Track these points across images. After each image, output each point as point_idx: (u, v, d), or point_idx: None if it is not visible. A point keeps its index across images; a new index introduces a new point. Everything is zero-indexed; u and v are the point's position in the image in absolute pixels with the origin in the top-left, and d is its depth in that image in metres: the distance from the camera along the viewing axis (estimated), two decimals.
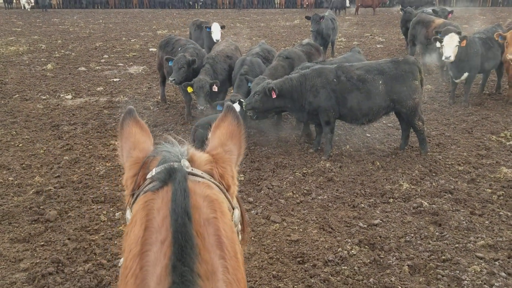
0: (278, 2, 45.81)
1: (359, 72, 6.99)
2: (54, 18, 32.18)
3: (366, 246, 4.74)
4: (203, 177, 1.42)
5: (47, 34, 22.31)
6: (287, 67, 8.30)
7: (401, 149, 7.34)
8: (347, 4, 35.39)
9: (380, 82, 6.89)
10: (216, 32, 11.52)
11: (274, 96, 6.96)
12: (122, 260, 1.33)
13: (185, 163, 1.41)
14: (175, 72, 8.35)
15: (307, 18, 14.50)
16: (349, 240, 4.84)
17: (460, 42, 8.93)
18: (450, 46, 8.96)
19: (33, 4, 38.70)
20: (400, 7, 21.51)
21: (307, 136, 7.94)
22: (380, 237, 4.89)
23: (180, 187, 1.27)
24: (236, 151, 1.61)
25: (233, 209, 1.49)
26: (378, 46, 18.09)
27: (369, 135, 8.15)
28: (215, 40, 11.49)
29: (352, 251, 4.62)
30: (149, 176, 1.42)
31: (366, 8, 36.35)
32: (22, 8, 39.43)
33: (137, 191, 1.43)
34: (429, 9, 15.84)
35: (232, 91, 8.59)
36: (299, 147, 7.57)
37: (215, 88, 7.97)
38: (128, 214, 1.44)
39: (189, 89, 8.10)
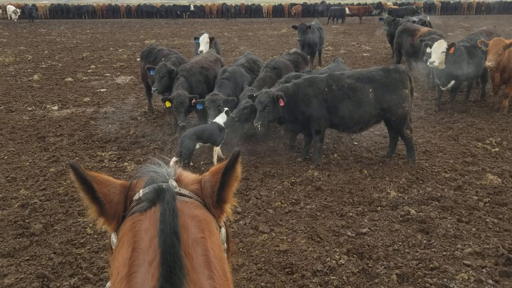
0: (266, 11, 46.10)
1: (350, 80, 7.00)
2: (41, 28, 32.01)
3: (354, 255, 4.74)
4: (191, 197, 1.42)
5: (34, 45, 22.17)
6: (274, 77, 8.33)
7: (388, 157, 7.38)
8: (347, 11, 35.41)
9: (371, 90, 6.92)
10: (202, 43, 11.42)
11: (282, 103, 6.83)
12: (109, 284, 1.31)
13: (172, 183, 1.42)
14: (157, 81, 8.28)
15: (294, 27, 14.59)
16: (338, 250, 4.83)
17: (448, 49, 9.07)
18: (436, 52, 9.11)
19: (19, 14, 38.45)
20: (385, 14, 21.80)
21: (293, 147, 7.92)
22: (368, 246, 4.89)
23: (168, 207, 1.27)
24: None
25: (220, 228, 1.49)
26: (364, 54, 18.27)
27: (356, 143, 8.19)
28: (198, 52, 11.32)
29: (341, 261, 4.61)
30: (136, 197, 1.41)
31: (353, 17, 36.75)
32: (9, 18, 39.16)
33: (122, 214, 1.42)
34: (414, 18, 16.12)
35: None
36: (287, 156, 7.57)
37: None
38: (114, 238, 1.42)
39: (167, 104, 7.83)
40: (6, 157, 7.54)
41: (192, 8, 45.28)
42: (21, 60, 17.52)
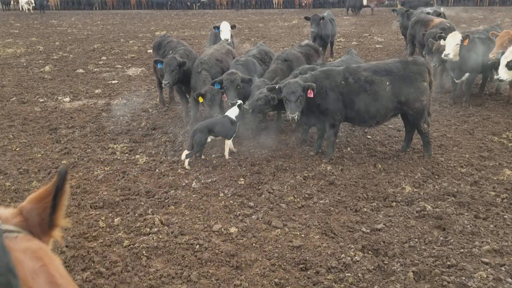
0: (276, 2, 45.70)
1: (367, 73, 6.82)
2: (52, 19, 32.07)
3: (369, 252, 4.66)
4: (18, 231, 1.32)
5: (45, 36, 22.21)
6: (286, 69, 8.20)
7: (403, 151, 7.25)
8: (365, 2, 34.85)
9: (388, 83, 6.72)
10: (225, 31, 11.20)
11: (311, 95, 6.64)
12: None
13: None
14: (167, 74, 8.14)
15: (307, 18, 14.38)
16: (352, 246, 4.76)
17: (462, 41, 8.91)
18: (450, 44, 8.95)
19: (34, 5, 38.56)
20: (398, 6, 21.49)
21: (305, 140, 7.80)
22: (384, 242, 4.81)
23: None
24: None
25: None
26: (377, 46, 18.02)
27: (369, 137, 8.07)
28: (223, 40, 11.15)
29: (356, 257, 4.53)
30: None
31: (365, 7, 36.26)
32: (20, 9, 39.31)
33: None
34: (428, 9, 15.83)
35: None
36: (299, 150, 7.48)
37: (224, 98, 7.71)
38: None
39: (200, 99, 7.75)
40: (18, 149, 7.55)
41: None
42: (32, 51, 17.56)
